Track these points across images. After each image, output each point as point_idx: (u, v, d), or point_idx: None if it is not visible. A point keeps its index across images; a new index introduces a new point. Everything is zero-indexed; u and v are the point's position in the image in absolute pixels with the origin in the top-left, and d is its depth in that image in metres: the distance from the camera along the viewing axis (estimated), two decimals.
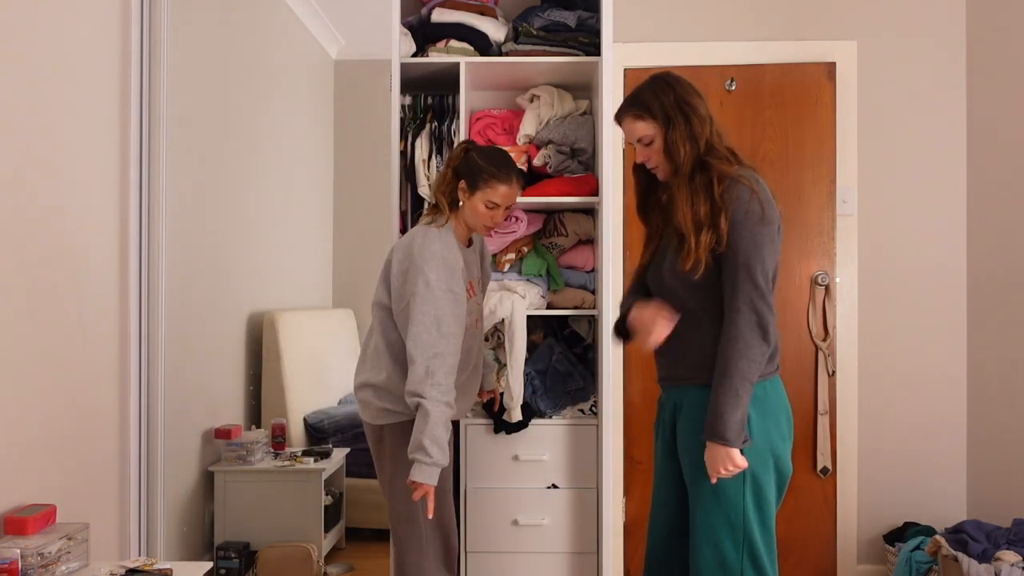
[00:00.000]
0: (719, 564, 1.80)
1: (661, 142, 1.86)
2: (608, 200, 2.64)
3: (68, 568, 2.01)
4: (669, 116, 1.83)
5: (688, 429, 1.87)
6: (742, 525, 1.80)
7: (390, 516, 2.22)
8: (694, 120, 1.83)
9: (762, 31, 3.31)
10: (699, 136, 1.83)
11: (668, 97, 1.85)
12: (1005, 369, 3.06)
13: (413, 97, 2.88)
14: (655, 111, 1.85)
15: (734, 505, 1.80)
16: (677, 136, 1.82)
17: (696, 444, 1.82)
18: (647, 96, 1.87)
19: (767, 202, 1.78)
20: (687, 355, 1.88)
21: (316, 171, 4.65)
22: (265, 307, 3.85)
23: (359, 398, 2.22)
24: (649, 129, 1.86)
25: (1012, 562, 2.52)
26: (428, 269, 2.04)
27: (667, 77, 1.89)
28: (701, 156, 1.83)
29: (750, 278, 1.76)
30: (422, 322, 2.02)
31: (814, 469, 3.25)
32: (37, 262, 2.17)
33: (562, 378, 2.75)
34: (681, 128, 1.82)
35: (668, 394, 1.98)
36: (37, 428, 2.16)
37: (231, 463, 3.31)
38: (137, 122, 2.63)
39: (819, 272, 3.27)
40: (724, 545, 1.80)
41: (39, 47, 2.18)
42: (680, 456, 1.91)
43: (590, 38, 2.70)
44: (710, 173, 1.81)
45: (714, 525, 1.80)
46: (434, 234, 2.10)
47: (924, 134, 3.30)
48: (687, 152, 1.82)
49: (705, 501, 1.82)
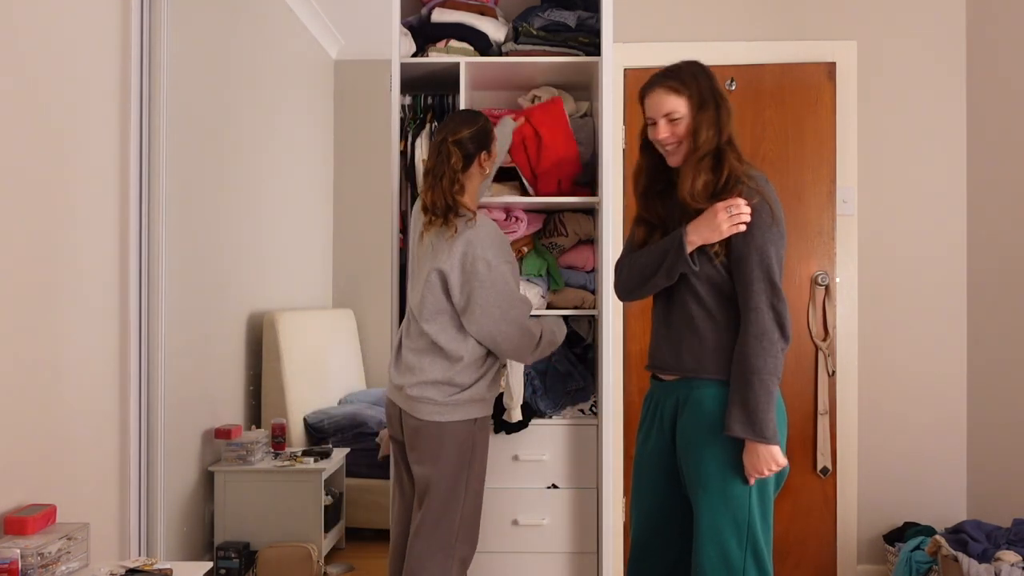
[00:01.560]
0: (723, 563, 1.79)
1: (689, 123, 1.86)
2: (608, 200, 2.63)
3: (68, 568, 2.00)
4: (704, 98, 1.85)
5: (696, 426, 1.85)
6: (746, 522, 1.80)
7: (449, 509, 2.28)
8: (722, 110, 1.85)
9: (762, 31, 3.31)
10: (724, 127, 1.85)
11: (705, 81, 1.87)
12: (1005, 369, 3.06)
13: (413, 97, 2.88)
14: (692, 90, 1.86)
15: (741, 503, 1.79)
16: (704, 120, 1.84)
17: (708, 442, 1.81)
18: (685, 74, 1.88)
19: (775, 203, 1.81)
20: (696, 346, 1.87)
21: (316, 171, 4.65)
22: (265, 307, 3.84)
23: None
24: (681, 105, 1.87)
25: (1012, 562, 2.52)
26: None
27: (700, 64, 1.92)
28: (722, 147, 1.84)
29: (766, 277, 1.78)
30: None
31: (814, 469, 3.25)
32: (37, 262, 2.17)
33: (562, 378, 2.75)
34: (711, 113, 1.84)
35: (668, 389, 1.95)
36: (37, 428, 2.16)
37: (231, 463, 3.31)
38: (137, 122, 2.63)
39: (819, 272, 3.27)
40: (728, 543, 1.79)
41: (39, 47, 2.17)
42: (682, 453, 1.88)
43: (590, 38, 2.69)
44: (724, 168, 1.82)
45: (720, 524, 1.80)
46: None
47: (924, 134, 3.30)
48: (709, 138, 1.83)
49: (712, 500, 1.80)
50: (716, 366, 1.85)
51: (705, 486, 1.82)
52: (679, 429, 1.90)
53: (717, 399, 1.83)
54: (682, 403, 1.89)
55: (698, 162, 1.83)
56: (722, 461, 1.81)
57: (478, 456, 2.28)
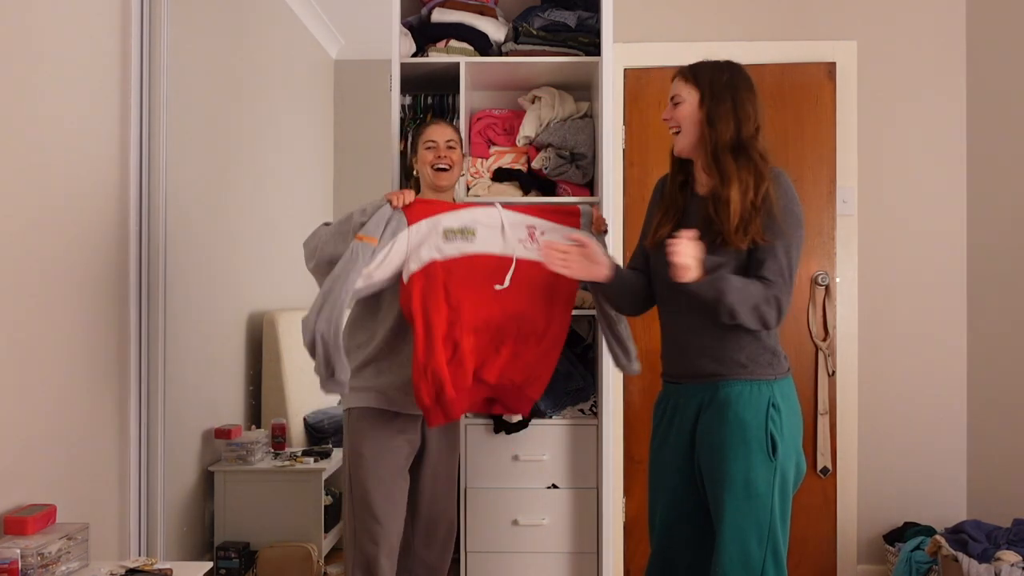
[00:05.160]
0: (743, 563, 1.78)
1: (692, 111, 1.88)
2: (608, 200, 2.64)
3: (68, 568, 2.00)
4: (715, 91, 1.87)
5: (721, 425, 1.82)
6: (768, 522, 1.79)
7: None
8: (740, 106, 1.86)
9: (762, 31, 3.31)
10: (743, 121, 1.85)
11: (722, 75, 1.89)
12: (1005, 369, 3.06)
13: (413, 97, 2.88)
14: (702, 80, 1.89)
15: (764, 503, 1.79)
16: (721, 112, 1.85)
17: (733, 442, 1.80)
18: (705, 66, 1.91)
19: (799, 204, 1.88)
20: (716, 350, 1.86)
21: (316, 171, 4.64)
22: (265, 307, 3.84)
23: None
24: (685, 92, 1.90)
25: (1012, 562, 2.52)
26: None
27: (732, 63, 1.93)
28: (742, 141, 1.84)
29: (783, 272, 1.81)
30: None
31: (814, 469, 3.25)
32: (37, 261, 2.16)
33: (562, 378, 2.74)
34: (727, 105, 1.85)
35: (689, 392, 1.91)
36: (37, 428, 2.16)
37: (231, 463, 3.31)
38: (137, 122, 2.63)
39: (819, 272, 3.27)
40: (750, 543, 1.79)
41: (39, 47, 2.17)
42: (704, 453, 1.86)
43: (590, 38, 2.69)
44: (751, 164, 1.83)
45: (743, 523, 1.79)
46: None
47: (924, 134, 3.30)
48: (728, 132, 1.84)
49: (736, 499, 1.79)
50: (739, 365, 1.84)
51: (729, 486, 1.80)
52: (701, 429, 1.87)
53: (742, 398, 1.82)
54: (705, 404, 1.87)
55: (724, 156, 1.83)
56: (747, 461, 1.79)
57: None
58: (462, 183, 2.70)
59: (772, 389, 1.84)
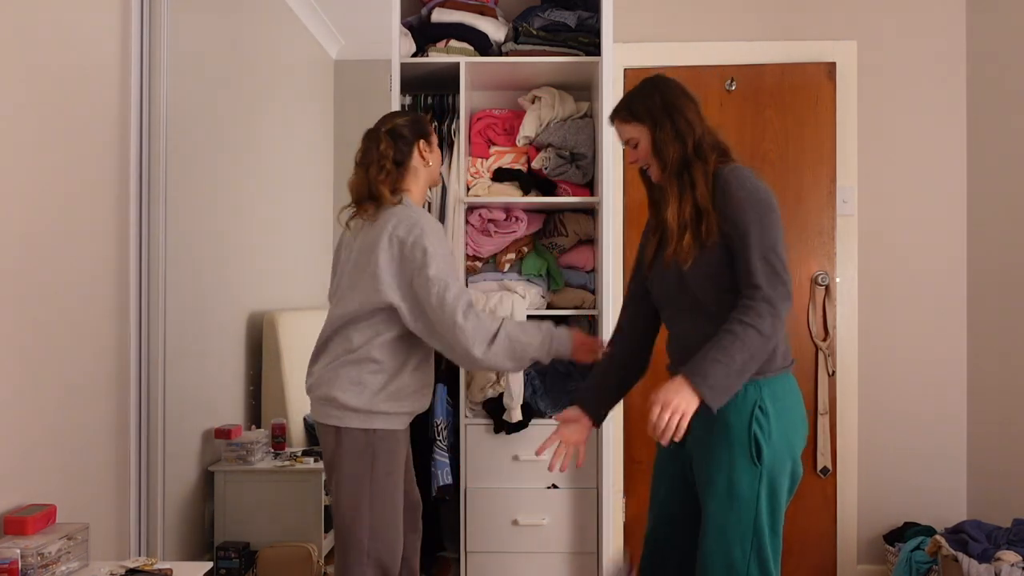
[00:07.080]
0: (726, 566, 1.77)
1: (648, 144, 1.88)
2: (608, 200, 2.64)
3: (68, 568, 2.01)
4: (655, 118, 1.86)
5: (707, 425, 1.81)
6: (752, 526, 1.77)
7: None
8: (680, 121, 1.84)
9: (762, 31, 3.31)
10: (686, 135, 1.84)
11: (654, 100, 1.87)
12: (1005, 369, 3.05)
13: (413, 97, 2.88)
14: (640, 114, 1.88)
15: (748, 506, 1.77)
16: (665, 136, 1.84)
17: (717, 442, 1.79)
18: (634, 99, 1.90)
19: (765, 189, 1.79)
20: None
21: (316, 171, 4.64)
22: (265, 307, 3.84)
23: None
24: (634, 131, 1.90)
25: (1012, 562, 2.51)
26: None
27: (656, 80, 1.91)
28: (688, 156, 1.83)
29: (765, 261, 1.74)
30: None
31: (814, 469, 3.25)
32: (37, 262, 2.17)
33: (562, 378, 2.75)
34: (668, 129, 1.84)
35: None
36: (37, 428, 2.16)
37: (231, 463, 3.31)
38: (137, 122, 2.63)
39: (819, 272, 3.27)
40: (733, 546, 1.77)
41: (39, 47, 2.17)
42: (692, 452, 1.86)
43: (590, 38, 2.70)
44: (695, 173, 1.82)
45: (725, 525, 1.77)
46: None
47: (924, 134, 3.30)
48: (675, 152, 1.83)
49: (719, 500, 1.78)
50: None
51: (712, 490, 1.79)
52: (691, 430, 1.86)
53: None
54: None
55: (677, 181, 1.83)
56: (730, 465, 1.78)
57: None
58: (462, 183, 2.70)
59: (760, 390, 1.79)
